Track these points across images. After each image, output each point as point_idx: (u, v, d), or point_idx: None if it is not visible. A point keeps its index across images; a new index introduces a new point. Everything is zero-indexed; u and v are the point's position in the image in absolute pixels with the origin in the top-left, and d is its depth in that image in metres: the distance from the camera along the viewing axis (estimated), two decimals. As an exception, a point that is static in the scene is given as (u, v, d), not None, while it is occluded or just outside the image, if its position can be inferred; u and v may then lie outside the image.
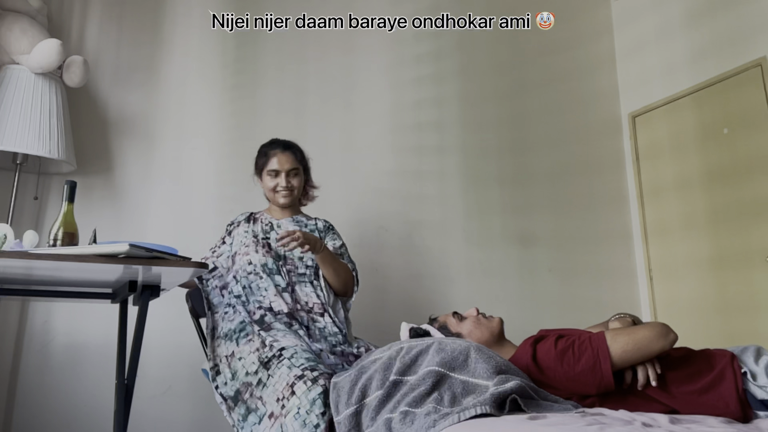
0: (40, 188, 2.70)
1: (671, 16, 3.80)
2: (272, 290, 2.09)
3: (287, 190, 2.25)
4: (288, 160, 2.25)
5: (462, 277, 3.38)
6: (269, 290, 2.09)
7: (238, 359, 1.93)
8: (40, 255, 1.60)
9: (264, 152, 2.29)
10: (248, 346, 1.93)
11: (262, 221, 2.28)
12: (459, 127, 3.58)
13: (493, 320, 1.87)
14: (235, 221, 2.31)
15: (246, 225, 2.27)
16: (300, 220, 2.32)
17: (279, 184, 2.24)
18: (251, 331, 1.99)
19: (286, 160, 2.25)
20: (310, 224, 2.31)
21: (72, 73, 2.59)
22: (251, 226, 2.26)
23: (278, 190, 2.25)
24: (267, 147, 2.31)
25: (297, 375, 1.74)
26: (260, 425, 1.76)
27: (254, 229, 2.25)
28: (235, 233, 2.26)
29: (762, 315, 3.18)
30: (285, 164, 2.25)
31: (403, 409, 1.45)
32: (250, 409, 1.81)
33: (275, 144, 2.30)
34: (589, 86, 4.01)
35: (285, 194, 2.25)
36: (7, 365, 2.57)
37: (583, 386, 1.55)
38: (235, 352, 1.95)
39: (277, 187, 2.24)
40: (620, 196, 3.94)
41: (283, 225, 2.27)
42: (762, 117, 3.27)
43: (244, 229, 2.25)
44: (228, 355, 1.96)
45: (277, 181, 2.24)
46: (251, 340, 1.95)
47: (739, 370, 1.54)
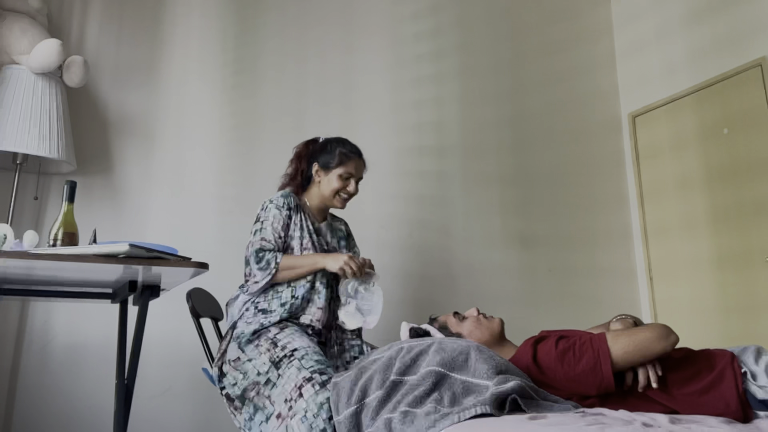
0: (40, 188, 2.70)
1: (671, 16, 3.80)
2: (323, 300, 2.04)
3: (351, 197, 2.19)
4: (363, 168, 2.20)
5: (462, 277, 3.38)
6: (320, 299, 2.04)
7: (248, 361, 1.90)
8: (40, 255, 1.60)
9: (343, 153, 2.17)
10: (257, 350, 1.90)
11: (309, 217, 2.16)
12: (459, 127, 3.58)
13: (494, 320, 1.87)
14: (285, 203, 2.09)
15: (296, 216, 2.11)
16: (335, 227, 2.27)
17: (347, 189, 2.16)
18: (258, 339, 1.94)
19: (362, 167, 2.20)
20: (340, 230, 2.28)
21: (72, 73, 2.59)
22: (304, 220, 2.12)
23: (342, 195, 2.16)
24: (345, 147, 2.19)
25: (305, 377, 1.73)
26: (267, 424, 1.75)
27: (309, 225, 2.12)
28: (291, 222, 2.09)
29: (762, 315, 3.18)
30: (360, 172, 2.19)
31: (403, 409, 1.45)
32: (257, 408, 1.81)
33: (354, 147, 2.20)
34: (589, 86, 4.01)
35: (346, 199, 2.18)
36: (7, 365, 2.57)
37: (584, 387, 1.55)
38: (241, 357, 1.92)
39: (342, 192, 2.15)
40: (620, 196, 3.94)
41: (321, 230, 2.19)
42: (762, 117, 3.27)
43: (299, 225, 2.10)
44: (233, 360, 1.93)
45: (346, 185, 2.15)
46: (259, 345, 1.91)
47: (739, 370, 1.54)
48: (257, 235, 2.03)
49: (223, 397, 1.92)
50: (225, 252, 2.74)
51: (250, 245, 2.01)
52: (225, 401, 1.92)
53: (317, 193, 2.19)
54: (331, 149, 2.19)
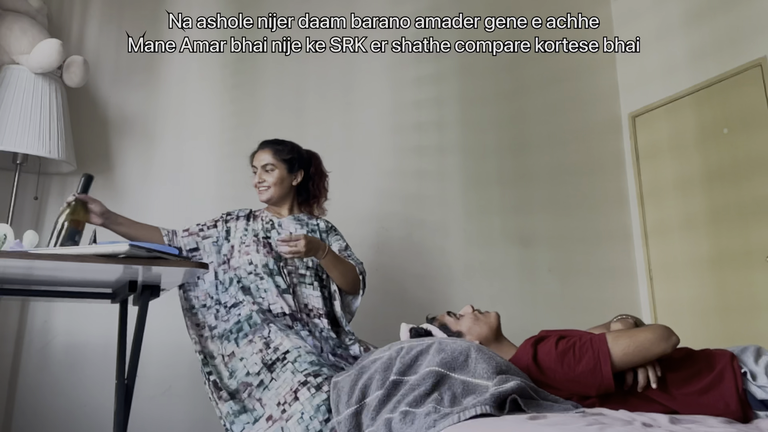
0: (40, 188, 2.70)
1: (671, 16, 3.80)
2: (273, 291, 2.08)
3: (260, 185, 2.27)
4: (264, 157, 2.28)
5: (462, 277, 3.38)
6: (270, 291, 2.08)
7: (239, 359, 1.92)
8: (40, 255, 1.60)
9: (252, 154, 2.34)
10: (250, 347, 1.92)
11: (262, 219, 2.26)
12: (459, 127, 3.58)
13: (490, 315, 1.88)
14: (234, 214, 2.29)
15: (245, 222, 2.25)
16: (301, 218, 2.29)
17: (255, 181, 2.28)
18: (250, 332, 1.97)
19: (262, 157, 2.28)
20: (312, 223, 2.29)
21: (72, 73, 2.59)
22: (251, 224, 2.25)
23: (256, 186, 2.28)
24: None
25: (300, 381, 1.74)
26: (254, 426, 1.75)
27: (254, 227, 2.23)
28: (233, 227, 2.24)
29: (762, 315, 3.18)
30: (260, 161, 2.28)
31: (403, 409, 1.45)
32: (246, 408, 1.80)
33: (259, 144, 2.34)
34: (589, 86, 4.01)
35: (261, 190, 2.27)
36: (7, 365, 2.56)
37: (584, 387, 1.55)
38: (236, 352, 1.94)
39: (256, 183, 2.28)
40: (620, 196, 3.94)
41: (284, 224, 2.24)
42: (762, 117, 3.27)
43: (244, 226, 2.23)
44: (227, 355, 1.95)
45: (255, 178, 2.28)
46: (252, 341, 1.93)
47: (739, 370, 1.54)
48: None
49: (209, 384, 1.91)
50: (225, 252, 2.73)
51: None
52: (209, 386, 1.91)
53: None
54: None
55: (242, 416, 1.79)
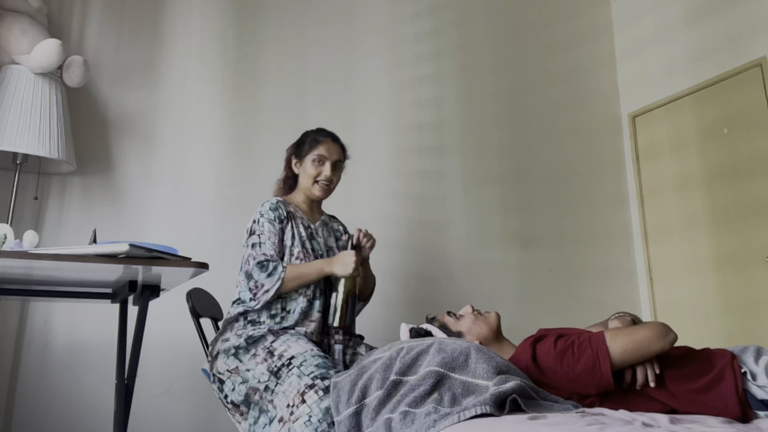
0: (40, 188, 2.70)
1: (671, 16, 3.80)
2: (316, 313, 2.00)
3: (328, 181, 2.11)
4: (337, 151, 2.14)
5: (462, 277, 3.38)
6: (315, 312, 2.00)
7: (246, 371, 1.87)
8: (40, 255, 1.60)
9: (313, 138, 2.14)
10: (254, 360, 1.87)
11: (302, 222, 2.10)
12: (459, 127, 3.58)
13: (490, 315, 1.88)
14: (280, 213, 2.04)
15: (287, 225, 2.05)
16: (333, 227, 2.23)
17: (322, 173, 2.09)
18: (252, 346, 1.91)
19: (336, 150, 2.14)
20: (338, 229, 2.25)
21: (72, 73, 2.59)
22: (295, 227, 2.05)
23: (319, 180, 2.10)
24: (316, 134, 2.16)
25: (307, 384, 1.71)
26: (271, 426, 1.75)
27: (300, 232, 2.06)
28: (284, 228, 2.04)
29: (762, 315, 3.18)
30: (333, 154, 2.12)
31: (403, 409, 1.45)
32: (262, 410, 1.80)
33: (325, 132, 2.17)
34: (589, 86, 4.01)
35: (323, 186, 2.10)
36: (7, 365, 2.57)
37: (583, 386, 1.55)
38: (240, 367, 1.88)
39: (319, 177, 2.10)
40: (620, 196, 3.94)
41: (318, 232, 2.14)
42: (762, 117, 3.27)
43: (290, 232, 2.05)
44: (231, 370, 1.90)
45: (321, 169, 2.10)
46: (256, 354, 1.87)
47: (739, 370, 1.54)
48: (257, 249, 1.95)
49: (228, 406, 1.90)
50: (225, 252, 2.74)
51: (251, 258, 1.93)
52: (230, 410, 1.90)
53: (301, 188, 2.15)
54: (304, 138, 2.18)
55: (261, 419, 1.79)
